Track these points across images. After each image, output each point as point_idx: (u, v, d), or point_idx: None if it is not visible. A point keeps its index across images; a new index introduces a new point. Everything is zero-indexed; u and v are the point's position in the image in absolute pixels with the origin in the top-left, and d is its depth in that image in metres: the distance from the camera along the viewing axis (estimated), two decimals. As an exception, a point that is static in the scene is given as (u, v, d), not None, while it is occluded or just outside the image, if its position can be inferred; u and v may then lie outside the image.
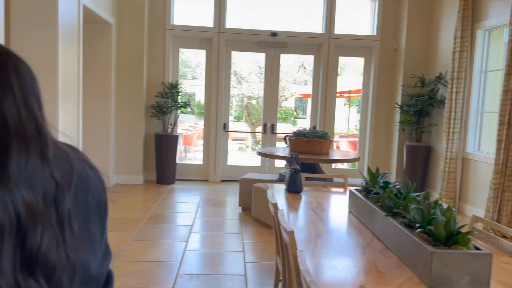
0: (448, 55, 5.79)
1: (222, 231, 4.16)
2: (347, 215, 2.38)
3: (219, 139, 6.68)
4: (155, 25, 6.43)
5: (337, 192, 3.06)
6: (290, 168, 2.98)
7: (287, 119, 14.71)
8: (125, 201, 5.24)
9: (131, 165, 6.32)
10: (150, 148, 6.55)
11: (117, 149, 6.27)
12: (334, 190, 3.11)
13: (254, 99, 10.46)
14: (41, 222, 0.56)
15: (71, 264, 0.58)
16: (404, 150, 6.28)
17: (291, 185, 2.92)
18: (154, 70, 6.50)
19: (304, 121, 16.01)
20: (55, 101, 4.09)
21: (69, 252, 0.58)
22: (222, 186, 6.44)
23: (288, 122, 15.35)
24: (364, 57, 6.85)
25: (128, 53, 6.16)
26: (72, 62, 4.45)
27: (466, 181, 5.32)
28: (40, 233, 0.55)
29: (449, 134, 5.40)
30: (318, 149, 4.71)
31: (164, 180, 6.39)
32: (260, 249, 3.71)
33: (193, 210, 4.94)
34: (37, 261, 0.55)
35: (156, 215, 4.65)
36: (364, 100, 6.94)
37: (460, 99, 5.31)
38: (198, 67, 10.48)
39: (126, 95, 6.22)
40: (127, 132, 6.27)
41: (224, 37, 6.52)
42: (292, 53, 6.90)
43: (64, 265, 0.57)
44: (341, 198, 2.84)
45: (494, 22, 4.90)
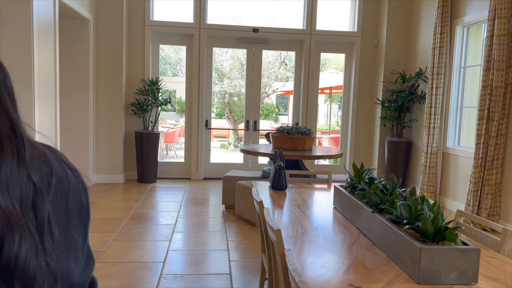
0: (428, 51, 5.85)
1: (206, 230, 4.11)
2: (332, 211, 2.36)
3: (201, 136, 6.61)
4: (134, 21, 6.31)
5: (321, 188, 3.05)
6: (274, 165, 2.95)
7: (269, 116, 14.70)
8: (105, 200, 5.13)
9: (111, 164, 6.20)
10: (131, 147, 6.44)
11: (96, 148, 6.13)
12: (318, 187, 3.09)
13: (236, 96, 10.41)
14: (18, 228, 0.52)
15: (52, 272, 0.54)
16: (386, 146, 6.34)
17: (276, 182, 2.89)
18: (133, 67, 6.38)
19: (286, 118, 16.05)
20: (31, 99, 3.96)
21: (49, 260, 0.54)
22: (205, 184, 6.38)
23: (270, 118, 15.34)
24: (345, 53, 6.87)
25: (106, 49, 6.02)
26: (48, 59, 4.31)
27: (446, 175, 5.39)
28: (18, 241, 0.51)
29: (430, 129, 5.46)
30: (301, 146, 4.69)
31: (145, 179, 6.28)
32: (244, 247, 3.67)
33: (175, 209, 4.87)
34: (15, 270, 0.50)
35: (138, 214, 4.57)
36: (346, 96, 6.96)
37: (440, 95, 5.37)
38: (179, 63, 10.35)
39: (104, 92, 6.09)
40: (107, 130, 6.14)
41: (205, 33, 6.44)
42: (274, 49, 6.86)
43: (44, 274, 0.53)
44: (326, 195, 2.83)
45: (473, 18, 4.97)
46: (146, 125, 6.29)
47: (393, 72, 6.40)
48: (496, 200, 4.37)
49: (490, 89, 4.32)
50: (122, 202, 5.09)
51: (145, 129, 6.29)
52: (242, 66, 10.10)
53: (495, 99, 4.27)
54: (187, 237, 3.87)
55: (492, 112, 4.31)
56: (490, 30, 4.33)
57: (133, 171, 6.51)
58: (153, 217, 4.49)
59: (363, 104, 6.86)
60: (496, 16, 4.20)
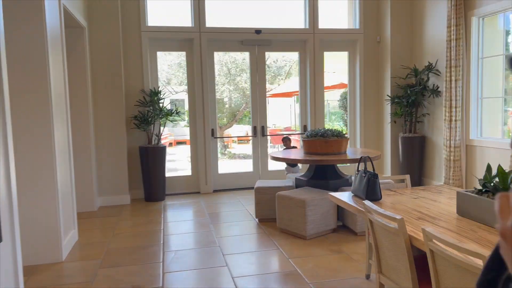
0: (437, 44, 5.80)
1: (257, 249, 3.75)
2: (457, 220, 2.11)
3: (208, 146, 6.21)
4: (128, 27, 5.82)
5: (413, 193, 2.80)
6: (364, 174, 2.67)
7: (242, 121, 14.36)
8: (124, 226, 4.63)
9: (115, 184, 5.66)
10: (135, 163, 5.93)
11: (99, 167, 5.58)
12: (409, 193, 2.84)
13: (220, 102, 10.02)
14: None
15: None
16: (400, 142, 6.23)
17: (371, 193, 2.61)
18: (131, 77, 5.88)
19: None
20: (49, 116, 3.45)
21: None
22: (217, 197, 5.99)
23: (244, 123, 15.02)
24: (348, 51, 6.72)
25: (103, 59, 5.50)
26: (59, 73, 3.80)
27: (471, 168, 5.34)
28: None
29: (452, 123, 5.39)
30: (337, 149, 4.45)
31: (153, 197, 5.80)
32: (315, 266, 3.35)
33: (205, 228, 4.46)
34: None
35: (170, 239, 4.13)
36: (351, 94, 6.81)
37: (460, 87, 5.31)
38: (178, 71, 9.84)
39: (104, 105, 5.56)
40: (109, 147, 5.61)
41: (206, 37, 6.06)
42: (277, 50, 6.59)
43: None
44: (436, 202, 2.58)
45: (490, 9, 4.94)
46: (150, 139, 5.81)
47: (403, 67, 6.32)
48: (539, 189, 4.33)
49: (526, 78, 4.27)
50: (144, 226, 4.62)
51: (150, 143, 5.81)
52: (229, 70, 9.76)
53: (532, 88, 4.22)
54: (242, 259, 3.50)
55: (530, 101, 4.26)
56: (521, 19, 4.28)
57: (138, 190, 5.99)
58: (188, 241, 4.07)
59: (370, 102, 6.73)
60: (529, 4, 4.15)
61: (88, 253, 3.77)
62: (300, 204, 3.90)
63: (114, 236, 4.25)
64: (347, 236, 4.04)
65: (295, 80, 10.25)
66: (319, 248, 3.71)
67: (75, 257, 3.69)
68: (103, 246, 3.94)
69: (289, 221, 4.06)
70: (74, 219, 4.14)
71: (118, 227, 4.57)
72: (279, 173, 6.57)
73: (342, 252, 3.61)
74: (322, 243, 3.84)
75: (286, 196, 4.07)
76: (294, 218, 4.01)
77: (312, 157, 4.25)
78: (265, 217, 4.56)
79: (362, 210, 2.44)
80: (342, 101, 8.92)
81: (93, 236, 4.29)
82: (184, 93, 11.10)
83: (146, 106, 5.79)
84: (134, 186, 5.98)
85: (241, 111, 11.49)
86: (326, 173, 4.49)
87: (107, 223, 4.77)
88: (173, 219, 4.87)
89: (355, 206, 2.52)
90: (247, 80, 9.99)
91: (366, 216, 2.35)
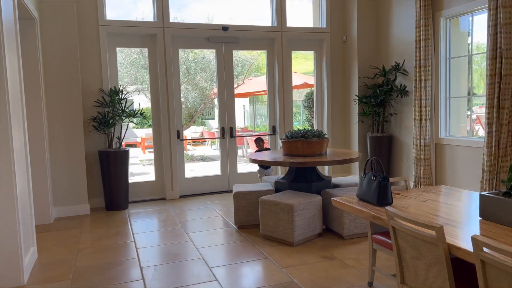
0: (406, 44, 5.86)
1: (244, 259, 3.49)
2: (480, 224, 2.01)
3: (174, 149, 5.84)
4: (85, 20, 5.32)
5: (418, 196, 2.68)
6: (373, 177, 2.51)
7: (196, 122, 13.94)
8: (88, 239, 4.18)
9: (73, 192, 5.15)
10: (93, 169, 5.44)
11: (54, 175, 5.04)
12: (414, 195, 2.72)
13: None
14: None
15: None
16: (368, 141, 6.24)
17: (381, 197, 2.46)
18: (89, 75, 5.38)
19: (213, 122, 15.47)
20: (6, 116, 2.99)
21: None
22: (185, 203, 5.64)
23: (198, 124, 14.62)
24: (315, 50, 6.63)
25: (57, 55, 4.97)
26: (14, 68, 3.31)
27: (441, 166, 5.42)
28: None
29: (422, 122, 5.45)
30: (318, 150, 4.30)
31: (115, 206, 5.35)
32: (312, 274, 3.16)
33: (182, 238, 4.13)
34: None
35: (148, 253, 3.76)
36: (318, 94, 6.72)
37: (430, 87, 5.38)
38: (131, 69, 9.25)
39: (58, 106, 5.03)
40: (65, 152, 5.08)
41: (170, 33, 5.69)
42: (244, 48, 6.35)
43: None
44: (448, 206, 2.47)
45: (456, 10, 5.03)
46: (111, 142, 5.34)
47: (371, 66, 6.33)
48: (511, 186, 4.44)
49: (499, 77, 4.37)
50: (111, 239, 4.19)
51: (110, 147, 5.35)
52: (187, 68, 9.35)
53: (505, 87, 4.32)
54: (231, 272, 3.23)
55: (502, 100, 4.36)
56: (493, 20, 4.37)
57: (98, 198, 5.50)
58: (166, 253, 3.73)
59: (337, 101, 6.68)
60: (501, 5, 4.24)
61: (53, 274, 3.31)
62: (287, 209, 3.70)
63: (79, 252, 3.80)
64: (334, 240, 3.89)
65: (254, 81, 10.06)
66: (309, 255, 3.52)
67: (38, 279, 3.23)
68: (68, 265, 3.50)
69: (274, 227, 3.84)
70: (33, 235, 3.65)
71: (82, 242, 4.11)
72: (249, 175, 6.34)
73: (334, 258, 3.45)
74: (311, 249, 3.66)
75: (271, 201, 3.85)
76: (280, 224, 3.79)
77: (296, 159, 4.06)
78: (245, 223, 4.31)
79: (379, 217, 2.28)
80: (307, 101, 8.85)
81: (55, 253, 3.81)
82: (137, 93, 10.55)
83: (106, 106, 5.33)
84: (93, 194, 5.48)
85: (199, 112, 11.11)
86: (307, 175, 4.32)
87: (67, 237, 4.28)
88: (142, 229, 4.48)
89: (371, 213, 2.35)
90: (207, 79, 9.68)
91: (387, 223, 2.18)
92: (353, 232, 3.89)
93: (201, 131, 13.88)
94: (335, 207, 3.95)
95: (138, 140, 13.15)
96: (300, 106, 9.48)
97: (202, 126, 14.71)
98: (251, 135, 9.48)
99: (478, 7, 4.79)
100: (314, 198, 3.88)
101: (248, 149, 9.73)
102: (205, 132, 13.08)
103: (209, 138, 9.79)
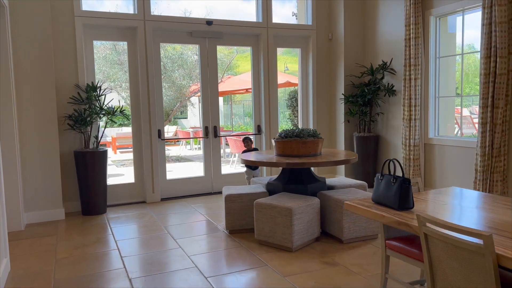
0: (394, 43, 5.78)
1: (243, 267, 3.26)
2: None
3: (155, 149, 5.52)
4: (59, 10, 4.93)
5: (435, 200, 2.53)
6: (394, 179, 2.34)
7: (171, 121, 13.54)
8: (65, 247, 3.82)
9: (46, 196, 4.75)
10: (68, 171, 5.05)
11: (25, 177, 4.64)
12: (431, 198, 2.57)
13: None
14: None
15: None
16: (354, 141, 6.13)
17: (403, 201, 2.28)
18: (63, 69, 4.99)
19: (186, 121, 15.10)
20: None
21: None
22: (168, 206, 5.34)
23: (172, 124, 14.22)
24: (301, 47, 6.46)
25: (28, 46, 4.57)
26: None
27: (430, 166, 5.37)
28: None
29: (411, 121, 5.37)
30: (314, 150, 4.11)
31: (92, 210, 4.98)
32: (318, 283, 2.96)
33: (170, 244, 3.85)
34: None
35: (133, 262, 3.46)
36: (304, 92, 6.56)
37: (419, 86, 5.31)
38: (104, 65, 8.78)
39: (30, 102, 4.62)
40: (38, 153, 4.68)
41: (151, 26, 5.37)
42: (229, 44, 6.09)
43: None
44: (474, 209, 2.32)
45: (446, 9, 4.98)
46: (87, 141, 4.98)
47: (358, 65, 6.22)
48: (504, 187, 4.41)
49: (493, 76, 4.32)
50: (92, 246, 3.86)
51: (87, 147, 4.98)
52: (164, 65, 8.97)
53: (499, 86, 4.28)
54: (232, 283, 2.99)
55: (496, 99, 4.31)
56: (487, 18, 4.32)
57: (74, 202, 5.12)
58: (155, 262, 3.44)
59: (322, 100, 6.54)
60: (496, 3, 4.19)
61: (30, 288, 2.97)
62: (286, 212, 3.49)
63: (58, 263, 3.45)
64: (333, 244, 3.72)
65: (233, 79, 9.82)
66: (310, 261, 3.33)
67: (13, 295, 2.88)
68: (47, 277, 3.15)
69: (271, 232, 3.63)
70: (6, 244, 3.27)
71: (60, 250, 3.76)
72: (234, 177, 6.10)
73: (337, 264, 3.27)
74: (311, 255, 3.47)
75: (267, 204, 3.63)
76: (277, 229, 3.58)
77: (292, 160, 3.86)
78: (237, 228, 4.07)
79: (405, 222, 2.10)
80: (290, 100, 8.67)
81: (30, 264, 3.44)
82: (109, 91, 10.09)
83: (82, 103, 4.96)
84: (68, 198, 5.10)
85: (175, 111, 10.75)
86: (302, 177, 4.13)
87: (42, 245, 3.91)
88: (125, 235, 4.16)
89: (395, 218, 2.17)
90: (185, 76, 9.35)
91: (415, 229, 2.01)
92: (353, 236, 3.73)
93: (175, 130, 13.50)
94: (333, 210, 3.78)
95: (108, 139, 12.61)
96: (283, 105, 9.33)
97: (175, 126, 14.33)
98: (230, 135, 9.23)
99: (470, 5, 4.74)
100: (312, 200, 3.69)
101: (226, 149, 9.47)
102: (179, 132, 12.71)
103: (193, 137, 9.44)
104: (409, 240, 2.45)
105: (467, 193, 2.71)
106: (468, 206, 2.39)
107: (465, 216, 2.19)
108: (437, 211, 2.29)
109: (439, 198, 2.58)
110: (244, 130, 13.24)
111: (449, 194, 2.70)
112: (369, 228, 3.80)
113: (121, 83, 9.52)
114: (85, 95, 5.02)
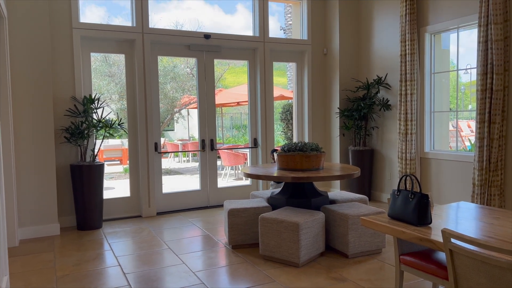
0: (389, 58, 5.88)
1: (251, 284, 3.21)
2: None
3: (151, 163, 5.45)
4: (58, 22, 4.87)
5: (448, 214, 2.55)
6: (411, 195, 2.36)
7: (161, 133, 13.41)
8: (64, 264, 3.71)
9: (41, 211, 4.62)
10: (64, 185, 4.94)
11: (20, 191, 4.51)
12: (443, 213, 2.59)
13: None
14: None
15: None
16: (350, 155, 6.17)
17: (422, 216, 2.30)
18: (60, 81, 4.92)
19: (172, 133, 15.00)
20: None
21: None
22: (164, 220, 5.26)
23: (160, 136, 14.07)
24: (297, 62, 6.52)
25: (26, 58, 4.49)
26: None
27: (425, 180, 5.44)
28: None
29: (407, 136, 5.45)
30: (316, 165, 4.12)
31: (88, 225, 4.87)
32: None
33: (173, 261, 3.78)
34: None
35: (135, 280, 3.38)
36: (299, 106, 6.60)
37: (415, 101, 5.40)
38: (94, 77, 8.66)
39: (27, 114, 4.52)
40: (34, 166, 4.57)
41: (149, 38, 5.35)
42: (226, 58, 6.09)
43: None
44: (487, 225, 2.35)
45: (443, 26, 5.11)
46: (84, 155, 4.89)
47: (354, 80, 6.30)
48: (501, 200, 4.50)
49: (490, 92, 4.43)
50: (92, 263, 3.76)
51: (83, 160, 4.89)
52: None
53: (495, 102, 4.39)
54: (241, 299, 2.95)
55: (493, 115, 4.42)
56: (483, 36, 4.44)
57: (69, 217, 5.00)
58: (162, 279, 3.37)
59: (318, 114, 6.59)
60: (492, 21, 4.32)
61: (34, 308, 2.87)
62: (293, 227, 3.47)
63: (59, 280, 3.35)
64: (338, 259, 3.71)
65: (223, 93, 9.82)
66: (319, 277, 3.31)
67: (17, 315, 2.77)
68: (49, 296, 3.06)
69: (277, 247, 3.60)
70: (6, 262, 3.16)
71: (59, 267, 3.65)
72: (230, 190, 6.06)
73: (346, 279, 3.26)
74: (318, 271, 3.45)
75: (273, 218, 3.61)
76: (283, 244, 3.56)
77: (296, 174, 3.86)
78: (240, 243, 4.02)
79: (427, 238, 2.11)
80: (284, 114, 8.71)
81: (30, 282, 3.33)
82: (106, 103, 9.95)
83: (79, 116, 4.88)
84: (63, 213, 4.98)
85: (165, 123, 10.68)
86: (306, 191, 4.13)
87: (40, 262, 3.79)
88: (125, 251, 4.07)
89: (415, 234, 2.18)
90: (178, 89, 9.32)
91: (438, 245, 2.02)
92: (358, 251, 3.73)
93: (163, 143, 13.38)
94: (338, 224, 3.78)
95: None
96: (277, 118, 9.36)
97: (163, 138, 14.22)
98: (221, 148, 9.19)
99: (465, 23, 4.88)
100: (317, 215, 3.69)
101: (218, 161, 9.42)
102: (168, 144, 12.61)
103: (191, 150, 9.35)
104: (424, 255, 2.46)
105: (478, 208, 2.75)
106: (484, 221, 2.42)
107: (484, 231, 2.21)
108: (455, 226, 2.31)
109: (451, 213, 2.61)
110: (233, 142, 13.23)
111: (461, 208, 2.73)
112: (373, 243, 3.81)
113: (111, 95, 9.43)
114: (81, 107, 4.95)
